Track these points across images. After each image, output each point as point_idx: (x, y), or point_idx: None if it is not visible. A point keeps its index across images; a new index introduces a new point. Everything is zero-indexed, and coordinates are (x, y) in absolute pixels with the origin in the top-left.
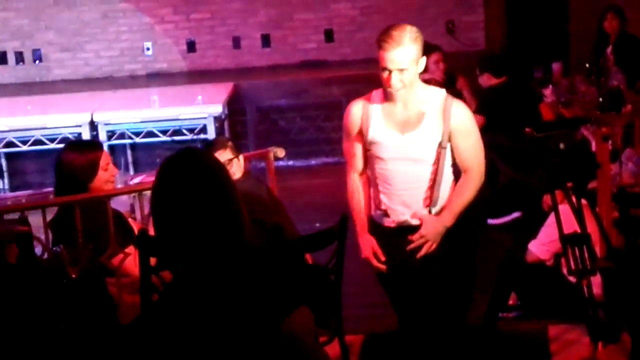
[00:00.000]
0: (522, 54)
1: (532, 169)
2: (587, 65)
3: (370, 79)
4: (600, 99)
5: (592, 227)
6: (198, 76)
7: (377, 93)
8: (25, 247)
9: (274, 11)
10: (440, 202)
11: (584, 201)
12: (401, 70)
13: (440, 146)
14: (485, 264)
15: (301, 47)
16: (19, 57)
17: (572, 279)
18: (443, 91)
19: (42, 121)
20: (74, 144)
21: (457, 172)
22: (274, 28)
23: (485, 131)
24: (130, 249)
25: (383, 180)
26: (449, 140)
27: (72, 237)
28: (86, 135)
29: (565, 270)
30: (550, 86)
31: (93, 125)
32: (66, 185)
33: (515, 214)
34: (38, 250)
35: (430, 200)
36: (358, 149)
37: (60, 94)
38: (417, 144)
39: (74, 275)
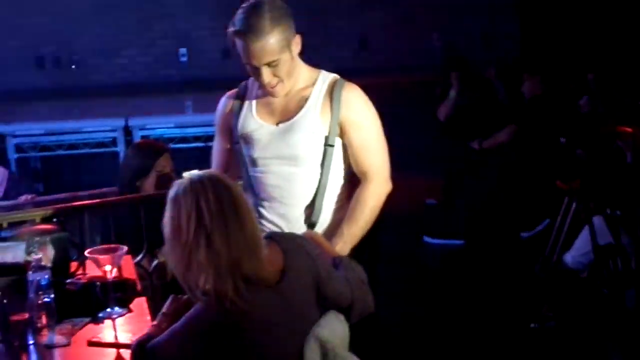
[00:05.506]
0: (558, 64)
1: (566, 179)
2: (623, 76)
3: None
4: (637, 110)
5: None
6: (232, 83)
7: None
8: (61, 249)
9: (308, 19)
10: (324, 217)
11: (618, 213)
12: (270, 63)
13: (327, 143)
14: (519, 273)
15: (335, 55)
16: (56, 62)
17: (606, 290)
18: (333, 74)
19: (77, 126)
20: (139, 141)
21: (352, 179)
22: (309, 36)
23: (520, 141)
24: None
25: (257, 189)
26: (339, 134)
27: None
28: (121, 140)
29: (599, 282)
30: (585, 97)
31: (128, 130)
32: (121, 180)
33: (547, 221)
34: None
35: (311, 215)
36: (221, 150)
37: (95, 99)
38: (292, 137)
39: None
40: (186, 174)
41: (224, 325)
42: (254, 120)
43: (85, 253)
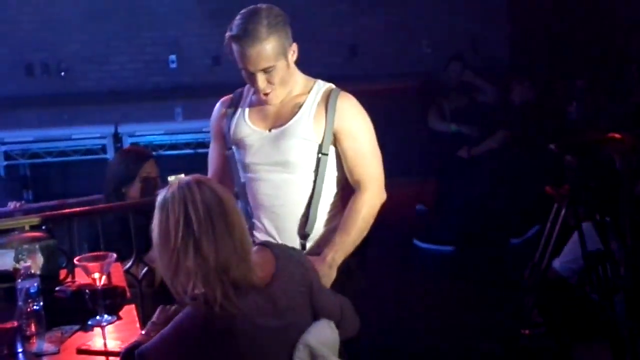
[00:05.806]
0: (547, 70)
1: (556, 185)
2: (611, 81)
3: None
4: (625, 116)
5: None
6: (222, 90)
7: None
8: (49, 257)
9: (298, 26)
10: (317, 227)
11: (607, 218)
12: (266, 69)
13: (320, 151)
14: (508, 280)
15: (325, 61)
16: (45, 69)
17: (595, 296)
18: (328, 84)
19: (66, 133)
20: (124, 148)
21: (346, 188)
22: (298, 41)
23: (510, 147)
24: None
25: (250, 196)
26: (333, 143)
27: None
28: (110, 148)
29: (588, 288)
30: (574, 103)
31: (117, 137)
32: (107, 187)
33: (536, 227)
34: None
35: (305, 226)
36: (217, 156)
37: (85, 106)
38: (284, 143)
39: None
40: (171, 178)
41: (213, 330)
42: (247, 126)
43: (75, 261)
